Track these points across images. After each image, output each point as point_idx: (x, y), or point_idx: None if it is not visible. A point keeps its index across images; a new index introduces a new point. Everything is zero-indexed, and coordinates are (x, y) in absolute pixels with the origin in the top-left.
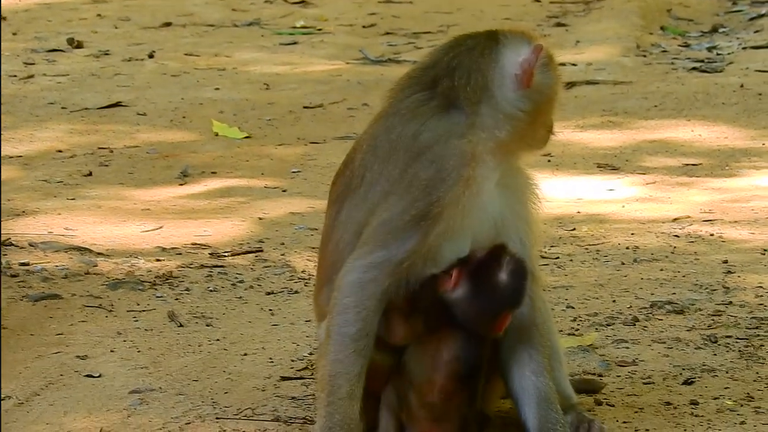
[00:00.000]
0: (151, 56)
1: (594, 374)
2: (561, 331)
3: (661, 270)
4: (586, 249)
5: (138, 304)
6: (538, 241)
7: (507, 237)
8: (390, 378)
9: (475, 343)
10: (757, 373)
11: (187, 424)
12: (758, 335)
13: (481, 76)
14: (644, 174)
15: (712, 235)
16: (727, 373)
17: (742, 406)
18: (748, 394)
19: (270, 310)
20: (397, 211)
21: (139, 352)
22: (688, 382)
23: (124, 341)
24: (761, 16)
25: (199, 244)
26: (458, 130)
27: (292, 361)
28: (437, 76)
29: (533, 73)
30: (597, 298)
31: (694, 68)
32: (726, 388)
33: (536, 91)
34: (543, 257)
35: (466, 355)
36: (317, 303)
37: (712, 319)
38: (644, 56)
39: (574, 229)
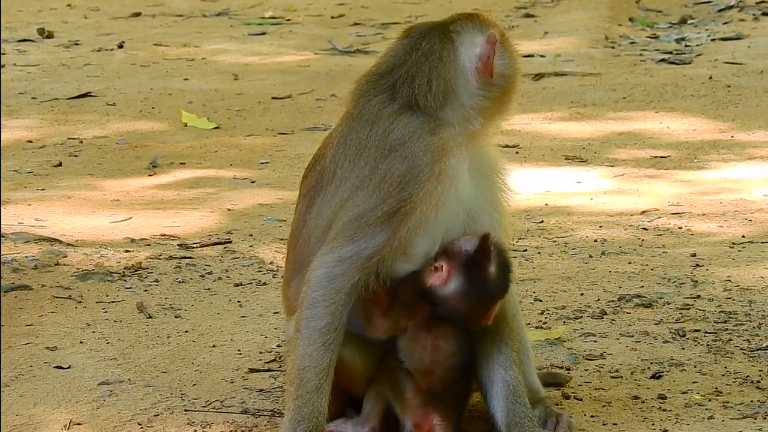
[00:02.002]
0: (120, 46)
1: (561, 368)
2: (529, 324)
3: (629, 263)
4: (554, 242)
5: (107, 296)
6: (508, 229)
7: (480, 225)
8: (381, 368)
9: (467, 335)
10: (726, 367)
11: (155, 416)
12: (726, 329)
13: (443, 82)
14: (612, 166)
15: (680, 228)
16: (695, 367)
17: (710, 400)
18: (716, 388)
19: (238, 301)
20: (368, 206)
21: (108, 343)
22: (656, 376)
23: (94, 333)
24: (730, 7)
25: (168, 235)
26: (428, 127)
27: (261, 353)
28: (396, 84)
29: (493, 63)
30: (565, 291)
31: (662, 60)
32: (694, 382)
33: (499, 75)
34: (511, 250)
35: (462, 347)
36: (286, 297)
37: (681, 313)
38: (613, 48)
39: (542, 221)
